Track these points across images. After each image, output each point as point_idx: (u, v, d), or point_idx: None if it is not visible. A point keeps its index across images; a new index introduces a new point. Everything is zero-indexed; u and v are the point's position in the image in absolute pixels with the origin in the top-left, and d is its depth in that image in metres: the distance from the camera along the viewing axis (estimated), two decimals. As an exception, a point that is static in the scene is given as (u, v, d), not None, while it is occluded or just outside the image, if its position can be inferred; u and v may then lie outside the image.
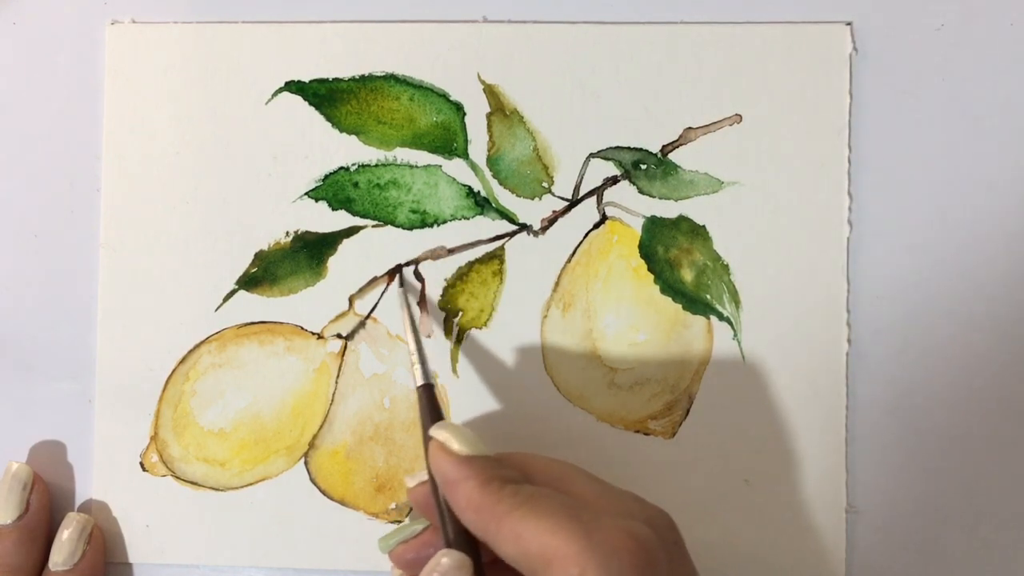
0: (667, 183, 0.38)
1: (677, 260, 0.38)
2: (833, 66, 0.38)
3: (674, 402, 0.38)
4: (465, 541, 0.30)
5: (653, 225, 0.38)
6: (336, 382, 0.38)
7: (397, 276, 0.38)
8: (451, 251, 0.38)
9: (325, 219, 0.38)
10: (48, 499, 0.38)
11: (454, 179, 0.38)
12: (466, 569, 0.29)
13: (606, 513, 0.28)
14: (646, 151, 0.38)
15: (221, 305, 0.39)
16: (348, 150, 0.38)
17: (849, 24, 0.38)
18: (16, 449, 0.39)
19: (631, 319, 0.38)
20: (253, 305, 0.39)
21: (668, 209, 0.38)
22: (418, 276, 0.38)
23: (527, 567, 0.28)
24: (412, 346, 0.35)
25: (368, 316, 0.38)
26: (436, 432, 0.31)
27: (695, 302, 0.38)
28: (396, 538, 0.33)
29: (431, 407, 0.33)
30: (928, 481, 0.37)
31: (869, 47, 0.38)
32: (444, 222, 0.38)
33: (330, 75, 0.38)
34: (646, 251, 0.38)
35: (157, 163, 0.39)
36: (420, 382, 0.33)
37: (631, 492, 0.31)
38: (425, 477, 0.32)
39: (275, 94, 0.39)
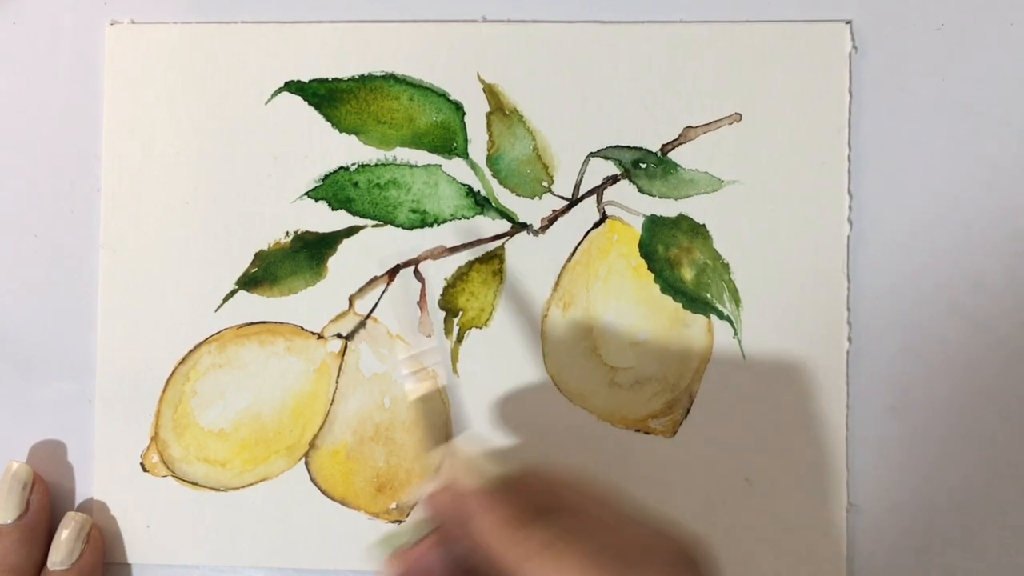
0: (667, 182, 0.38)
1: (677, 259, 0.38)
2: (833, 65, 0.38)
3: (674, 401, 0.38)
4: None
5: (653, 224, 0.38)
6: (336, 382, 0.38)
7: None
8: (451, 250, 0.38)
9: (325, 219, 0.38)
10: (48, 499, 0.38)
11: (454, 179, 0.38)
12: None
13: (635, 560, 0.27)
14: (646, 150, 0.38)
15: (221, 305, 0.39)
16: (348, 150, 0.38)
17: (849, 23, 0.38)
18: (16, 449, 0.39)
19: (631, 318, 0.38)
20: (253, 305, 0.39)
21: (668, 208, 0.38)
22: (418, 276, 0.38)
23: None
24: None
25: (368, 316, 0.38)
26: (448, 461, 0.30)
27: (695, 301, 0.38)
28: (391, 544, 0.32)
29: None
30: (928, 480, 0.37)
31: (869, 46, 0.38)
32: (444, 222, 0.38)
33: (330, 75, 0.38)
34: (646, 250, 0.38)
35: (157, 163, 0.39)
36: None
37: (659, 520, 0.30)
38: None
39: (275, 94, 0.39)
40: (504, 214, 0.38)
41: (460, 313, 0.38)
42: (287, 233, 0.38)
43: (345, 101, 0.38)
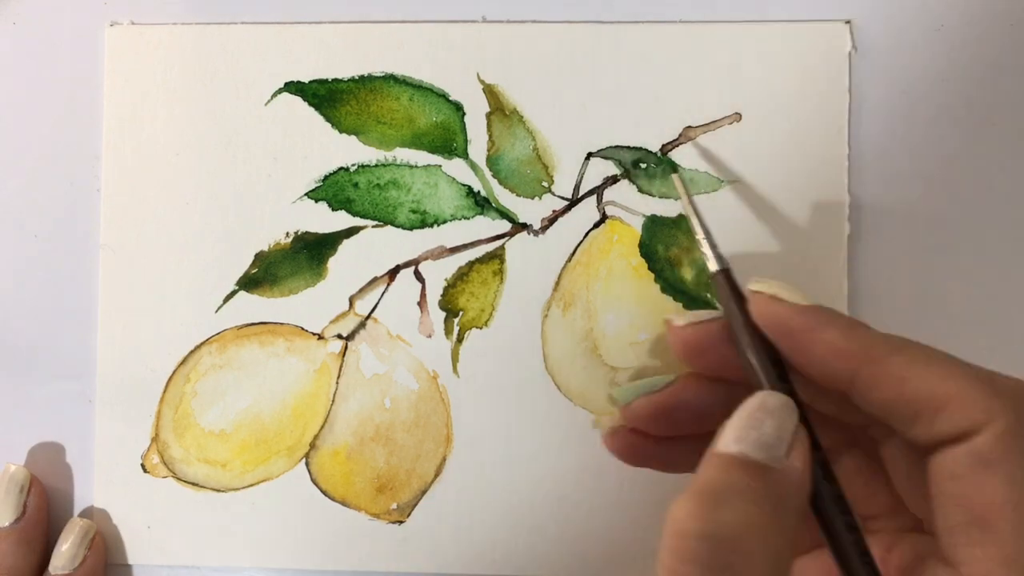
0: (667, 182, 0.38)
1: (677, 259, 0.38)
2: (832, 65, 0.38)
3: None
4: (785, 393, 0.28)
5: (653, 224, 0.38)
6: (337, 383, 0.38)
7: (675, 177, 0.35)
8: (451, 251, 0.38)
9: (325, 219, 0.38)
10: (46, 502, 0.38)
11: (454, 179, 0.38)
12: (793, 409, 0.27)
13: (997, 373, 0.26)
14: (646, 150, 0.38)
15: (222, 306, 0.39)
16: (348, 150, 0.38)
17: (848, 23, 0.38)
18: (15, 450, 0.39)
19: (632, 318, 0.38)
20: (254, 306, 0.39)
21: (668, 208, 0.38)
22: (418, 276, 0.38)
23: (905, 414, 0.26)
24: (701, 233, 0.32)
25: (368, 316, 0.38)
26: (760, 286, 0.29)
27: (696, 301, 0.38)
28: (637, 390, 0.31)
29: (733, 288, 0.30)
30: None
31: (869, 46, 0.38)
32: (444, 222, 0.38)
33: (329, 76, 0.38)
34: (646, 250, 0.38)
35: (157, 164, 0.39)
36: (716, 268, 0.31)
37: None
38: (695, 319, 0.30)
39: (275, 95, 0.39)
40: (504, 214, 0.38)
41: (460, 313, 0.38)
42: (287, 234, 0.38)
43: (345, 101, 0.38)
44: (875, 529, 0.30)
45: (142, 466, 0.39)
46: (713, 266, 0.31)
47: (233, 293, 0.39)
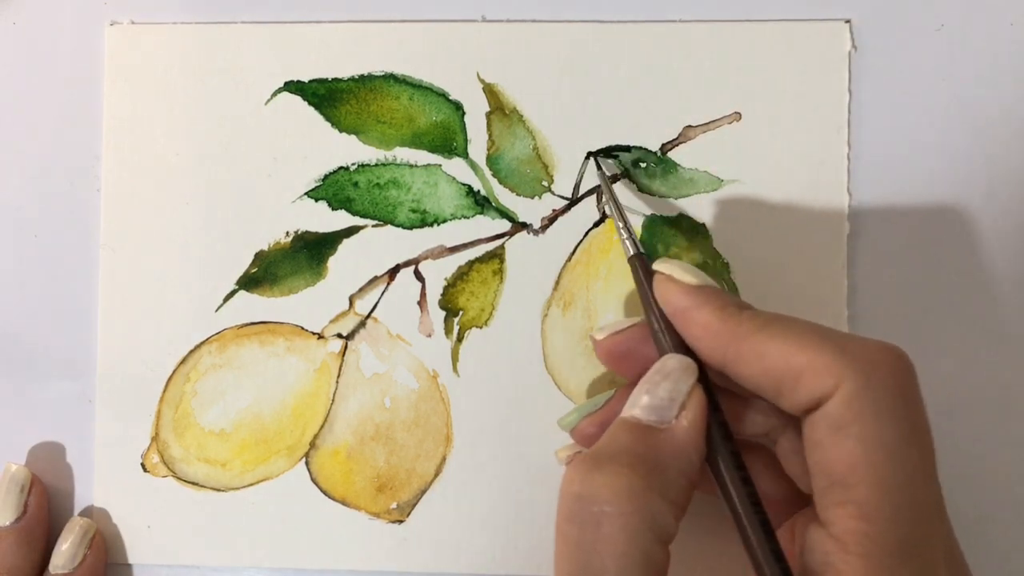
0: (667, 181, 0.38)
1: (677, 258, 0.38)
2: (832, 64, 0.38)
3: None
4: None
5: (653, 223, 0.38)
6: (337, 382, 0.38)
7: (593, 159, 0.38)
8: (451, 250, 0.38)
9: (325, 219, 0.38)
10: (46, 501, 0.38)
11: (454, 178, 0.38)
12: (692, 371, 0.29)
13: (853, 339, 0.27)
14: (646, 150, 0.38)
15: (221, 305, 0.39)
16: (348, 150, 0.38)
17: (848, 22, 0.38)
18: (15, 450, 0.39)
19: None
20: (253, 305, 0.39)
21: (668, 208, 0.38)
22: (418, 276, 0.38)
23: (770, 387, 0.28)
24: (619, 222, 0.34)
25: (368, 316, 0.38)
26: (661, 266, 0.31)
27: (695, 300, 0.38)
28: (579, 413, 0.33)
29: (646, 272, 0.32)
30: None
31: (868, 45, 0.38)
32: (444, 221, 0.38)
33: (329, 75, 0.38)
34: (646, 249, 0.38)
35: (157, 163, 0.39)
36: (631, 252, 0.33)
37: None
38: (614, 329, 0.32)
39: (275, 94, 0.39)
40: (504, 214, 0.38)
41: (460, 313, 0.38)
42: (287, 233, 0.38)
43: (345, 101, 0.38)
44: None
45: (142, 466, 0.39)
46: (629, 251, 0.33)
47: (233, 292, 0.39)
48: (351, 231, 0.38)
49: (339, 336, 0.38)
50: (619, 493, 0.26)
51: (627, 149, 0.38)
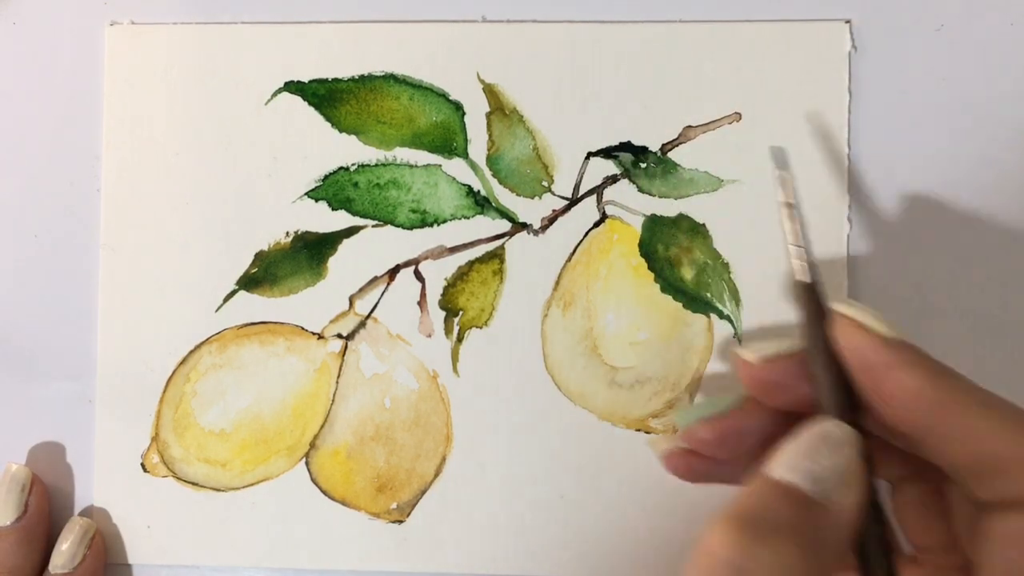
0: (667, 181, 0.38)
1: (677, 258, 0.38)
2: (832, 64, 0.38)
3: (675, 400, 0.38)
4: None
5: (653, 224, 0.38)
6: (337, 382, 0.38)
7: (776, 157, 0.33)
8: (451, 250, 0.38)
9: (325, 219, 0.38)
10: (47, 501, 0.38)
11: (454, 179, 0.38)
12: (856, 443, 0.26)
13: None
14: (646, 150, 0.38)
15: (221, 306, 0.39)
16: (348, 150, 0.38)
17: (848, 22, 0.38)
18: (15, 450, 0.39)
19: (631, 318, 0.38)
20: (254, 305, 0.39)
21: (668, 207, 0.38)
22: (418, 276, 0.38)
23: (968, 468, 0.25)
24: (794, 239, 0.31)
25: (368, 316, 0.38)
26: (848, 310, 0.27)
27: (695, 300, 0.38)
28: (698, 413, 0.30)
29: (817, 304, 0.29)
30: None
31: (869, 46, 0.38)
32: (444, 221, 0.38)
33: (329, 75, 0.39)
34: (646, 250, 0.38)
35: (157, 163, 0.39)
36: (802, 278, 0.30)
37: None
38: (766, 354, 0.29)
39: (275, 94, 0.39)
40: (504, 214, 0.38)
41: (460, 313, 0.38)
42: (287, 233, 0.38)
43: (345, 101, 0.38)
44: (921, 561, 0.29)
45: (142, 466, 0.39)
46: (801, 276, 0.30)
47: (233, 293, 0.39)
48: (351, 231, 0.38)
49: (339, 336, 0.38)
50: (784, 572, 0.23)
51: (627, 149, 0.38)
